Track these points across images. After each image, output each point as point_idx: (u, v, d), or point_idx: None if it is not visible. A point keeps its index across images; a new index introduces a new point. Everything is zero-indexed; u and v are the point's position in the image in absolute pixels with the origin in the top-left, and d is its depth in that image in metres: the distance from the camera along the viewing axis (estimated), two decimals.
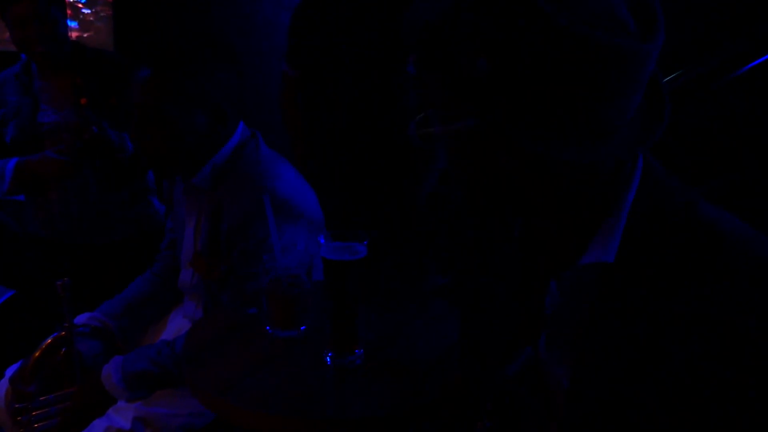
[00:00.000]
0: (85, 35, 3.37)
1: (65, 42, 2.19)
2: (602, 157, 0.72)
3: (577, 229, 0.78)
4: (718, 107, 2.02)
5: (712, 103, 2.01)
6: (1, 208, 2.68)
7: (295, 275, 1.30)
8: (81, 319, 1.60)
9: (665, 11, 0.71)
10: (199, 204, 1.58)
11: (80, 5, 3.34)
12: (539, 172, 0.73)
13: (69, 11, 3.29)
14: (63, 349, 1.47)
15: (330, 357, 1.20)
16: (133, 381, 1.40)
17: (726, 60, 1.88)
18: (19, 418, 1.43)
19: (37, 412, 1.43)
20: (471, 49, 0.68)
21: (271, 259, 1.31)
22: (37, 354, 1.46)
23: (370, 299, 1.38)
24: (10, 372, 1.53)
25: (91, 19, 3.37)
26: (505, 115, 0.68)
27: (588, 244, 0.77)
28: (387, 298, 1.50)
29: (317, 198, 1.62)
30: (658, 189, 0.76)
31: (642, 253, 0.73)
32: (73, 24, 3.33)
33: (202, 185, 1.53)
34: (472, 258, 0.98)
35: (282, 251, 1.33)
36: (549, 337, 0.85)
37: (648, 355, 0.70)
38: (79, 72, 2.18)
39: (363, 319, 1.22)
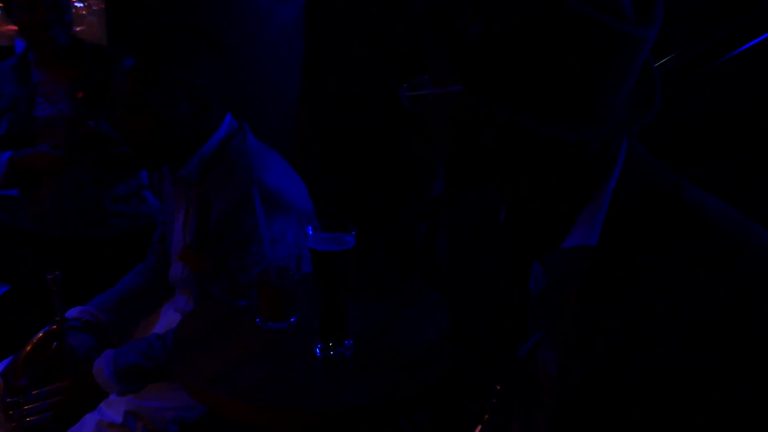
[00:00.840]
0: (77, 29, 3.34)
1: (69, 30, 2.19)
2: (590, 138, 0.72)
3: (560, 212, 0.77)
4: (704, 93, 2.01)
5: (698, 89, 2.01)
6: None
7: (284, 267, 1.29)
8: (72, 312, 1.60)
9: None
10: (187, 197, 1.57)
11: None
12: (523, 148, 0.73)
13: None
14: (54, 343, 1.47)
15: (320, 349, 1.20)
16: (125, 375, 1.40)
17: (714, 44, 1.87)
18: (11, 413, 1.43)
19: (29, 406, 1.43)
20: (467, 15, 0.68)
21: (260, 251, 1.31)
22: (28, 348, 1.46)
23: (361, 290, 1.38)
24: (1, 367, 1.52)
25: (84, 13, 3.35)
26: (494, 85, 0.68)
27: (571, 227, 0.76)
28: (377, 289, 1.50)
29: (307, 190, 1.61)
30: (641, 172, 0.75)
31: (625, 236, 0.72)
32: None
33: (189, 177, 1.52)
34: (460, 245, 0.98)
35: (271, 243, 1.32)
36: (534, 321, 0.85)
37: (633, 338, 0.70)
38: (77, 65, 2.18)
39: (353, 311, 1.22)
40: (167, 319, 1.67)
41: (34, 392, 1.45)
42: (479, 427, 0.85)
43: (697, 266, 0.67)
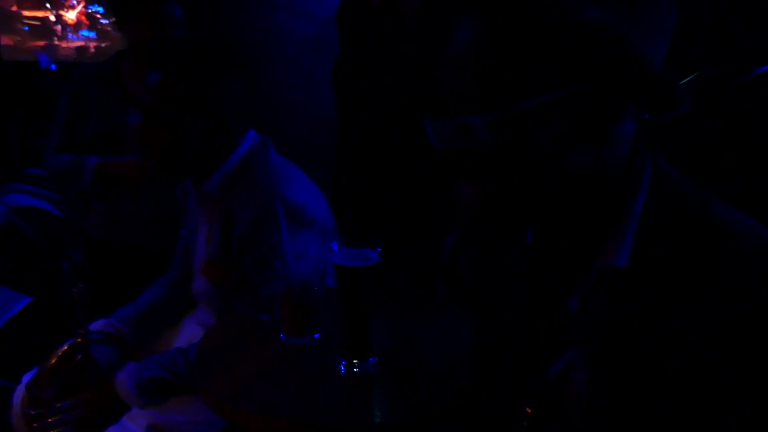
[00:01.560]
0: (103, 45, 3.40)
1: None
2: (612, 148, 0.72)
3: (590, 233, 0.76)
4: (733, 109, 2.00)
5: (726, 105, 1.99)
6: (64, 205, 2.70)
7: (307, 282, 1.29)
8: (96, 325, 1.60)
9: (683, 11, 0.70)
10: (211, 211, 1.58)
11: (98, 15, 3.38)
12: (552, 176, 0.72)
13: (87, 21, 3.34)
14: (78, 356, 1.48)
15: (343, 365, 1.19)
16: (147, 388, 1.40)
17: (742, 60, 1.86)
18: (34, 425, 1.44)
19: (53, 418, 1.43)
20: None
21: (283, 266, 1.31)
22: (53, 360, 1.47)
23: (384, 306, 1.37)
24: (26, 379, 1.53)
25: (109, 29, 3.40)
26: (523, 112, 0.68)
27: (601, 247, 0.75)
28: (400, 305, 1.49)
29: (329, 204, 1.62)
30: (669, 190, 0.75)
31: (656, 255, 0.71)
32: (91, 34, 3.37)
33: (212, 192, 1.53)
34: (486, 265, 0.97)
35: (294, 258, 1.32)
36: (568, 342, 0.84)
37: (667, 357, 0.68)
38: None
39: (376, 326, 1.21)
40: (189, 333, 1.67)
41: (57, 405, 1.45)
42: None
43: (729, 283, 0.66)
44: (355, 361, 1.19)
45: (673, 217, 0.72)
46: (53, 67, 3.33)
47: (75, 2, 3.31)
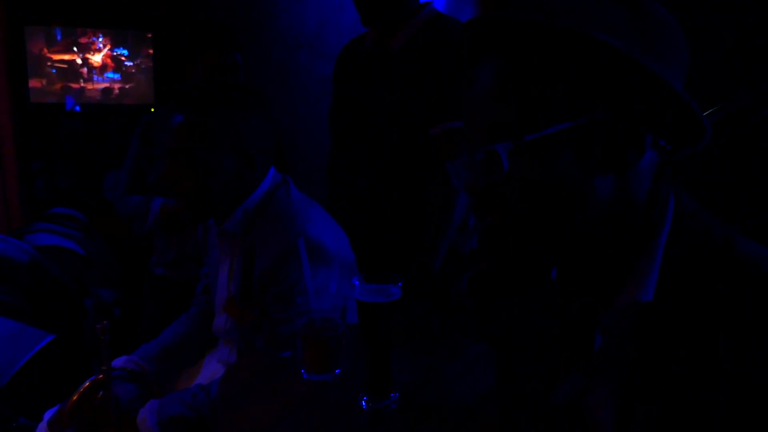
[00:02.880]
0: (127, 86, 3.48)
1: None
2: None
3: (614, 268, 0.76)
4: (756, 142, 1.99)
5: (749, 138, 1.98)
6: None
7: (329, 318, 1.29)
8: (118, 362, 1.61)
9: (704, 41, 0.72)
10: (232, 249, 1.59)
11: (123, 58, 3.47)
12: (575, 205, 0.72)
13: (113, 64, 3.42)
14: (100, 393, 1.48)
15: (365, 401, 1.19)
16: (169, 425, 1.40)
17: (762, 95, 1.85)
18: None
19: None
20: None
21: (305, 303, 1.31)
22: (75, 397, 1.47)
23: (405, 342, 1.37)
24: (48, 416, 1.54)
25: (133, 71, 3.49)
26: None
27: (625, 283, 0.75)
28: (422, 341, 1.48)
29: (348, 240, 1.62)
30: (692, 225, 0.74)
31: (682, 292, 0.71)
32: (116, 76, 3.46)
33: (233, 230, 1.55)
34: (509, 301, 0.97)
35: (315, 294, 1.33)
36: (590, 380, 0.83)
37: (692, 396, 0.68)
38: None
39: (398, 362, 1.21)
40: (210, 370, 1.67)
41: None
42: None
43: (755, 320, 0.65)
44: (376, 397, 1.18)
45: (698, 253, 0.72)
46: (77, 108, 3.41)
47: (101, 46, 3.41)
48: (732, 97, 1.86)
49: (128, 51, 3.46)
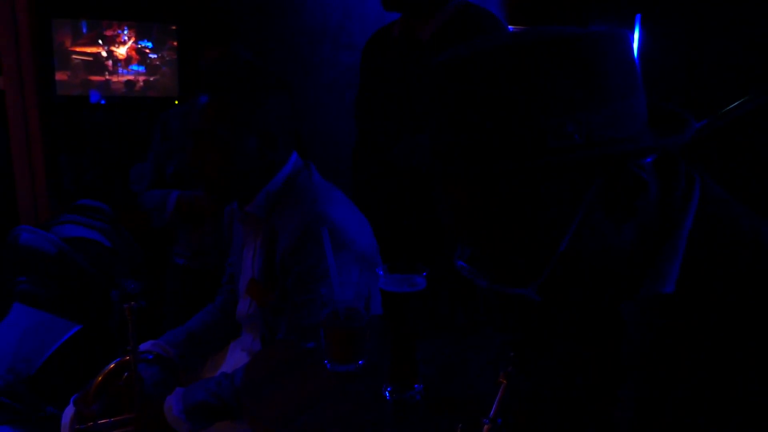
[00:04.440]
0: (152, 79, 3.50)
1: None
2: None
3: (635, 259, 0.74)
4: None
5: None
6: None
7: (353, 308, 1.28)
8: (144, 346, 1.62)
9: (730, 31, 0.70)
10: (255, 232, 1.60)
11: (148, 50, 3.48)
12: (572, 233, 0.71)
13: (137, 56, 3.44)
14: (125, 374, 1.49)
15: (389, 392, 1.17)
16: (194, 412, 1.40)
17: None
18: None
19: None
20: None
21: (329, 293, 1.30)
22: (100, 378, 1.48)
23: (430, 332, 1.35)
24: (74, 398, 1.55)
25: (158, 63, 3.50)
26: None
27: (646, 274, 0.73)
28: (447, 334, 1.47)
29: (372, 229, 1.61)
30: (718, 214, 0.72)
31: (705, 283, 0.69)
32: (140, 68, 3.47)
33: (257, 213, 1.55)
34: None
35: (340, 285, 1.31)
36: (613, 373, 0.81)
37: (715, 387, 0.66)
38: None
39: (423, 353, 1.19)
40: (234, 358, 1.67)
41: (101, 422, 1.45)
42: None
43: None
44: (401, 388, 1.17)
45: (723, 242, 0.70)
46: (102, 101, 3.44)
47: (126, 38, 3.43)
48: (753, 93, 1.82)
49: (153, 44, 3.47)
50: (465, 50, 0.71)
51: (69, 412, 1.52)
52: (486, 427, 0.87)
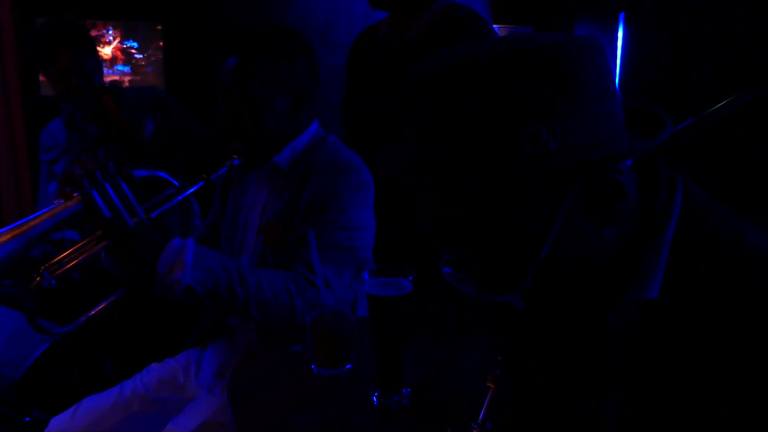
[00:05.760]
0: (137, 78, 3.48)
1: (92, 78, 2.32)
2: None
3: (618, 264, 0.74)
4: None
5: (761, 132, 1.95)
6: None
7: (339, 311, 1.27)
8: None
9: (714, 30, 0.70)
10: (272, 185, 1.62)
11: (133, 51, 3.46)
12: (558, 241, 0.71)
13: (122, 56, 3.42)
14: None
15: (376, 396, 1.17)
16: (202, 273, 1.36)
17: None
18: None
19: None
20: None
21: (315, 296, 1.30)
22: None
23: (416, 335, 1.35)
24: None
25: (143, 63, 3.48)
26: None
27: (630, 279, 0.73)
28: (436, 335, 1.47)
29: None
30: (701, 217, 0.72)
31: (689, 288, 0.69)
32: (126, 68, 3.45)
33: (280, 165, 1.59)
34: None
35: (327, 286, 1.31)
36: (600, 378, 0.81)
37: (698, 390, 0.66)
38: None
39: (410, 356, 1.19)
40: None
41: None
42: None
43: (763, 316, 0.64)
44: (388, 392, 1.17)
45: (705, 246, 0.70)
46: None
47: (111, 38, 3.40)
48: (747, 89, 1.83)
49: (138, 44, 3.45)
50: (437, 60, 0.71)
51: None
52: (475, 431, 0.87)
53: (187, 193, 1.49)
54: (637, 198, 0.73)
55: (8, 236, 1.28)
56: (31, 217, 1.32)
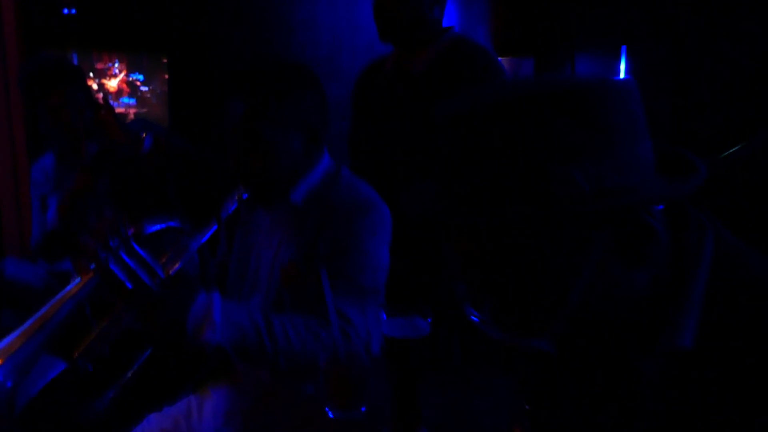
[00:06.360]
0: (142, 111, 3.49)
1: (84, 113, 2.34)
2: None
3: (651, 313, 0.72)
4: None
5: None
6: None
7: (354, 352, 1.25)
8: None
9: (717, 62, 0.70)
10: (286, 223, 1.58)
11: (138, 83, 3.47)
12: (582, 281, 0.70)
13: (128, 89, 3.43)
14: None
15: None
16: (231, 330, 1.30)
17: None
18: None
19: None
20: None
21: (329, 336, 1.28)
22: None
23: (432, 375, 1.33)
24: None
25: (148, 96, 3.49)
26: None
27: (663, 328, 0.71)
28: (447, 373, 1.44)
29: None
30: (733, 263, 0.71)
31: (725, 335, 0.67)
32: (131, 101, 3.46)
33: (295, 202, 1.54)
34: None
35: (338, 316, 1.30)
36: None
37: None
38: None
39: (426, 397, 1.17)
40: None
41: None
42: None
43: None
44: None
45: (739, 293, 0.69)
46: None
47: (117, 71, 3.42)
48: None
49: (144, 76, 3.47)
50: (469, 100, 0.70)
51: None
52: None
53: (203, 240, 1.46)
54: (667, 242, 0.72)
55: (33, 329, 1.26)
56: (50, 303, 1.29)
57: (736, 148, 1.77)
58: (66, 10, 3.31)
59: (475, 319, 0.79)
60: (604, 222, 0.68)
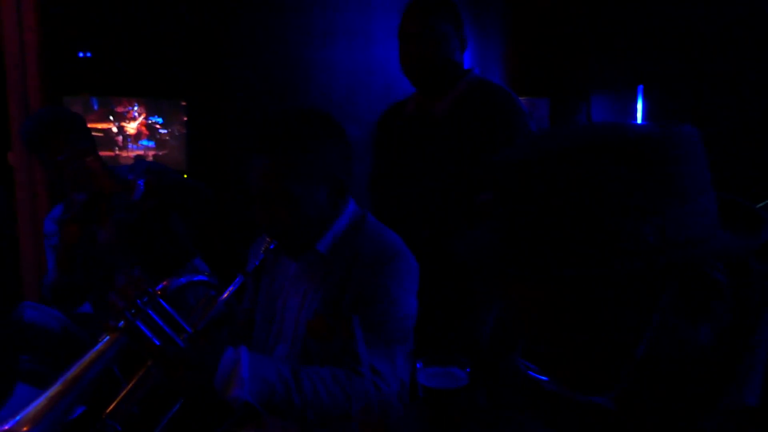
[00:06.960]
0: (161, 153, 3.51)
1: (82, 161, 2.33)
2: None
3: (712, 370, 0.70)
4: None
5: None
6: None
7: (387, 401, 1.23)
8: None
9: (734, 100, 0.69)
10: (312, 272, 1.55)
11: (158, 126, 3.51)
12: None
13: (147, 132, 3.47)
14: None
15: None
16: (260, 385, 1.30)
17: None
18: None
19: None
20: None
21: (360, 387, 1.25)
22: None
23: (466, 423, 1.29)
24: None
25: (167, 138, 3.53)
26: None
27: (725, 385, 0.69)
28: (487, 422, 1.41)
29: None
30: None
31: None
32: (150, 143, 3.49)
33: (322, 251, 1.52)
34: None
35: (373, 371, 1.27)
36: None
37: None
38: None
39: None
40: None
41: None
42: None
43: None
44: None
45: None
46: None
47: (136, 114, 3.46)
48: None
49: (163, 119, 3.50)
50: (532, 149, 0.69)
51: None
52: None
53: (229, 293, 1.45)
54: (731, 296, 0.70)
55: (61, 391, 1.25)
56: (78, 363, 1.28)
57: None
58: (81, 54, 3.37)
59: (526, 367, 0.76)
60: (670, 276, 0.66)
